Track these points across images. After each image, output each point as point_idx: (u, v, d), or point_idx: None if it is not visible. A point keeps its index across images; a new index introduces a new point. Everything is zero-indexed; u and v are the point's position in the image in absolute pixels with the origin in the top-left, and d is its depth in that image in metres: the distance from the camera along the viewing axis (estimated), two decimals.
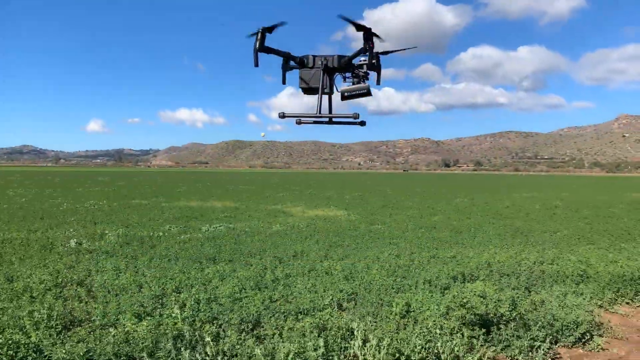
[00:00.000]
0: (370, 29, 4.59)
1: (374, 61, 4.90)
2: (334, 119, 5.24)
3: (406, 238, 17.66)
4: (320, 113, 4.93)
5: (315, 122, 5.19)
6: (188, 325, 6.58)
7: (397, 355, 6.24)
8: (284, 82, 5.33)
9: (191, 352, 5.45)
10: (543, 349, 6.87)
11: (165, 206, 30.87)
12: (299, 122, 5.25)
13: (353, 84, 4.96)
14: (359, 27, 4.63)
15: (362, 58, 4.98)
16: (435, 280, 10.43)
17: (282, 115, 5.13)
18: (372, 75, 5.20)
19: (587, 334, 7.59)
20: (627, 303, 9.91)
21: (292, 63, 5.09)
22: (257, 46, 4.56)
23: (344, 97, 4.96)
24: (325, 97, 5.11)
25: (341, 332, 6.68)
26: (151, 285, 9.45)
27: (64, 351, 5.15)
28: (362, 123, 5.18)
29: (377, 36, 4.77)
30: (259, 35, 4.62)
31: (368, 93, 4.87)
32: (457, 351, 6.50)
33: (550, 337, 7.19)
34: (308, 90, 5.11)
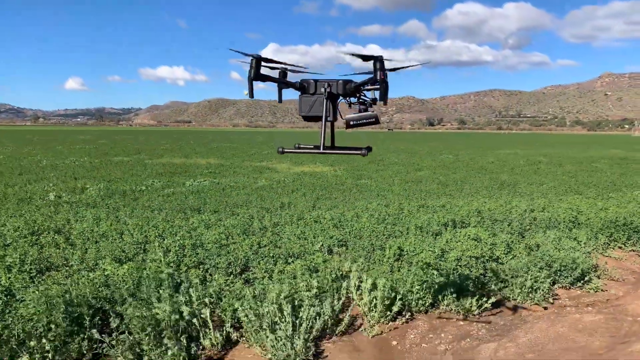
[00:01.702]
0: (381, 57, 3.90)
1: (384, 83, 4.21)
2: (341, 151, 4.60)
3: (393, 191, 17.43)
4: (324, 148, 4.20)
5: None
6: (173, 270, 6.24)
7: (394, 294, 6.00)
8: (280, 101, 4.75)
9: (176, 295, 5.12)
10: (542, 289, 6.69)
11: (148, 163, 30.21)
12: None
13: (359, 111, 4.36)
14: (368, 58, 4.06)
15: (370, 83, 4.30)
16: (426, 226, 10.21)
17: (282, 151, 4.37)
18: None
19: (585, 275, 7.43)
20: (620, 247, 9.84)
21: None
22: (252, 75, 4.00)
23: (348, 126, 4.28)
24: (328, 124, 4.44)
25: (334, 274, 6.40)
26: (133, 233, 9.04)
27: (37, 292, 4.78)
28: (369, 149, 4.68)
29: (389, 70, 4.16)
30: (253, 63, 3.96)
31: (376, 121, 4.30)
32: (455, 291, 6.28)
33: (549, 278, 7.01)
34: (309, 119, 4.35)
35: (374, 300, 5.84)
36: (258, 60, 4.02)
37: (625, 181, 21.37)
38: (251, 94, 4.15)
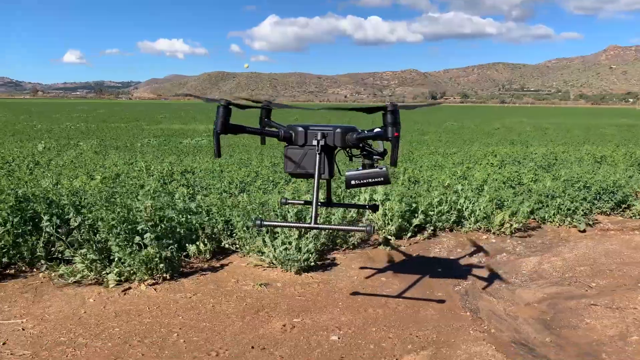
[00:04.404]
0: (394, 107, 2.85)
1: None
2: (338, 226, 3.64)
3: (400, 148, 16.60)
4: (316, 222, 2.97)
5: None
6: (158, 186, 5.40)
7: (415, 205, 5.19)
8: (263, 143, 3.82)
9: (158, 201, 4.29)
10: (583, 209, 5.88)
11: (146, 128, 29.42)
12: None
13: (364, 166, 3.18)
14: (374, 110, 2.96)
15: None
16: (440, 164, 9.38)
17: (260, 224, 3.04)
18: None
19: (627, 201, 6.62)
20: None
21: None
22: (219, 128, 2.85)
23: (349, 186, 3.16)
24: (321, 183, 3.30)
25: (345, 194, 5.61)
26: (117, 164, 8.18)
27: None
28: (374, 207, 3.69)
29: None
30: (221, 111, 2.82)
31: (385, 181, 3.15)
32: (483, 209, 5.48)
33: (588, 201, 6.18)
34: (297, 176, 3.24)
35: (390, 212, 5.02)
36: (226, 107, 2.82)
37: None
38: (218, 153, 2.96)
